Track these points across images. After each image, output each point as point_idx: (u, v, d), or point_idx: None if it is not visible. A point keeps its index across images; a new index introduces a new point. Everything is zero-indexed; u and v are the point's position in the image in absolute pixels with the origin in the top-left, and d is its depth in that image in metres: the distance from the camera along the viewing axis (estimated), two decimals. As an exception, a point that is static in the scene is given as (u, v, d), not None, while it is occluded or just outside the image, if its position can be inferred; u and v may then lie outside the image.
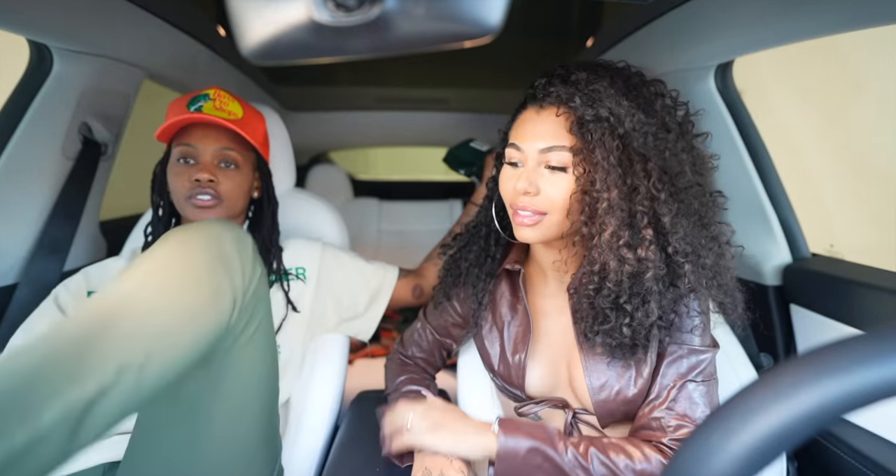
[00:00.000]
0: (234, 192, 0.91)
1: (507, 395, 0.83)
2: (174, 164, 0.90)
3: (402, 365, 0.95)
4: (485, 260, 0.85)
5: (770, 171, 1.08)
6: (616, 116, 0.65)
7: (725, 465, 0.26)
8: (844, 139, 2.23)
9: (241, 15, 0.29)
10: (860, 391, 0.25)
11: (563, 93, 0.68)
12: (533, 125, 0.71)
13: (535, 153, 0.69)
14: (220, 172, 0.89)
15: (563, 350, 0.78)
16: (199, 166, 0.88)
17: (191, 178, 0.87)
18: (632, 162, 0.66)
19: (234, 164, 0.91)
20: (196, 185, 0.87)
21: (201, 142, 0.89)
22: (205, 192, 0.87)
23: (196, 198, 0.87)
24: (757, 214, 1.08)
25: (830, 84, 2.18)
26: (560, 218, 0.69)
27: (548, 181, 0.69)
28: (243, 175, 0.93)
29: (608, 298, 0.68)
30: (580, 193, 0.67)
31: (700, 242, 0.68)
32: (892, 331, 0.26)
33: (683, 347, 0.71)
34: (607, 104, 0.65)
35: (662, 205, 0.65)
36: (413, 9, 0.28)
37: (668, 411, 0.69)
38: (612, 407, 0.72)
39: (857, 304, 0.88)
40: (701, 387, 0.70)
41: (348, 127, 2.15)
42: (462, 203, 2.44)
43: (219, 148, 0.89)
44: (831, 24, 0.74)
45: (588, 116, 0.66)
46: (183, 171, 0.88)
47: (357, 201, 2.44)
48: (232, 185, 0.90)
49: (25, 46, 0.91)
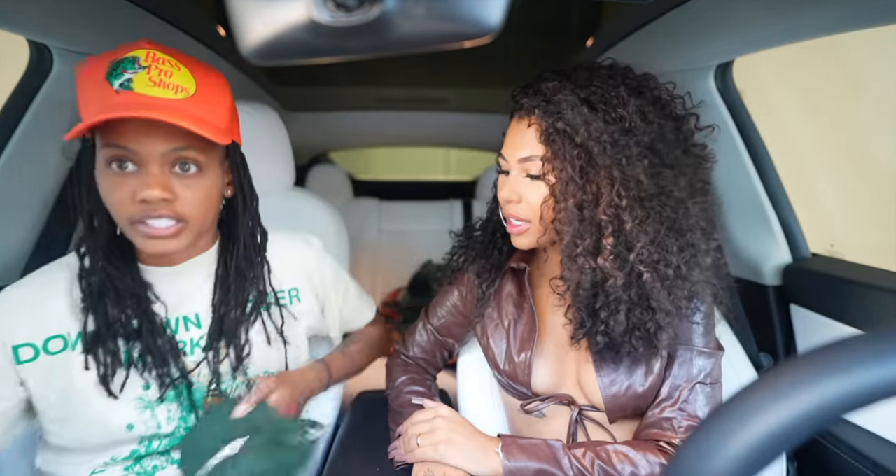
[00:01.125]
0: (201, 207, 0.65)
1: (512, 393, 0.83)
2: (105, 170, 0.61)
3: (404, 365, 0.94)
4: (492, 251, 0.87)
5: (770, 170, 1.08)
6: (572, 127, 0.65)
7: (725, 466, 0.26)
8: (845, 139, 2.23)
9: (241, 15, 0.29)
10: (860, 391, 0.25)
11: (529, 103, 0.69)
12: (513, 135, 0.73)
13: (515, 162, 0.72)
14: (177, 181, 0.62)
15: (570, 346, 0.78)
16: (143, 176, 0.60)
17: (134, 196, 0.60)
18: (595, 170, 0.65)
19: (194, 164, 0.63)
20: (144, 206, 0.60)
21: (142, 142, 0.59)
22: (158, 215, 0.61)
23: (147, 225, 0.61)
24: (757, 214, 1.08)
25: (831, 84, 2.18)
26: (544, 226, 0.71)
27: (528, 189, 0.71)
28: (209, 179, 0.66)
29: (583, 303, 0.69)
30: (552, 200, 0.69)
31: (671, 249, 0.66)
32: (892, 331, 0.26)
33: (693, 350, 0.72)
34: (566, 115, 0.65)
35: (625, 212, 0.65)
36: (413, 9, 0.28)
37: (679, 412, 0.70)
38: (622, 402, 0.73)
39: (857, 304, 0.88)
40: (708, 388, 0.71)
41: (348, 127, 2.15)
42: (462, 203, 2.43)
43: (169, 149, 0.61)
44: (831, 24, 0.74)
45: (549, 127, 0.67)
46: (120, 181, 0.60)
47: (357, 201, 2.44)
48: (196, 198, 0.64)
49: (25, 46, 0.91)
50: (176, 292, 0.74)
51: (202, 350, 0.74)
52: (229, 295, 0.75)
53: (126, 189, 0.60)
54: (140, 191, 0.59)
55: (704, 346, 0.72)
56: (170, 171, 0.62)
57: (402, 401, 0.86)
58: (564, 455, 0.67)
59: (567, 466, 0.67)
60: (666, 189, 0.66)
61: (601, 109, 0.65)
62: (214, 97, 0.64)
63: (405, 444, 0.75)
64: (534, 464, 0.67)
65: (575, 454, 0.68)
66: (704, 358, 0.72)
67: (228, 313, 0.74)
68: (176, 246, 0.64)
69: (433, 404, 0.79)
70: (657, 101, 0.68)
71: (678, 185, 0.66)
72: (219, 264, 0.76)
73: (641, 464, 0.66)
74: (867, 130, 2.16)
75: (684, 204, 0.67)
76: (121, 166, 0.61)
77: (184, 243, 0.65)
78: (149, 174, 0.60)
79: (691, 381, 0.71)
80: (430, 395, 0.89)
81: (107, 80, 0.58)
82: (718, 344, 0.75)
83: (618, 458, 0.67)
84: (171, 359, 0.70)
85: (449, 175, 3.69)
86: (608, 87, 0.66)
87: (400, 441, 0.78)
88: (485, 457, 0.69)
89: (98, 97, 0.58)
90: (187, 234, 0.65)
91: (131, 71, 0.58)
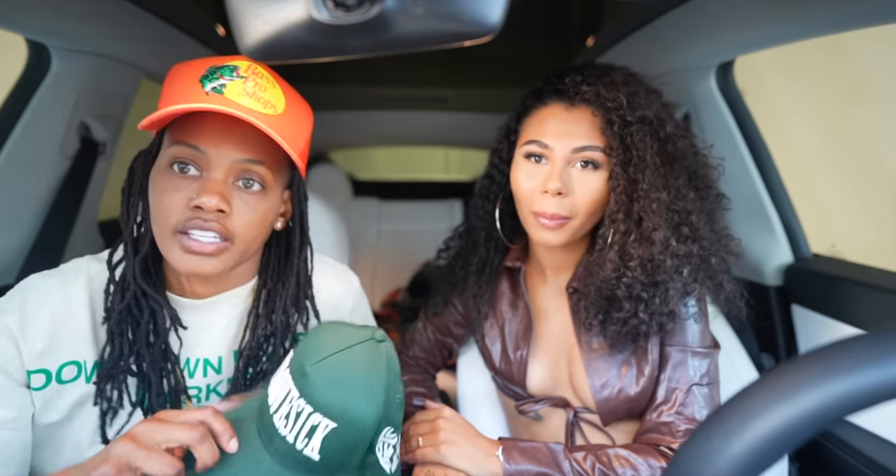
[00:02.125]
0: (253, 231, 0.59)
1: (507, 393, 0.83)
2: (164, 171, 0.57)
3: (404, 365, 0.95)
4: (483, 268, 0.85)
5: (772, 170, 1.08)
6: (659, 120, 0.67)
7: (726, 467, 0.26)
8: (847, 139, 2.23)
9: (241, 14, 0.29)
10: (862, 392, 0.25)
11: (604, 92, 0.67)
12: (564, 123, 0.69)
13: (566, 152, 0.68)
14: (237, 196, 0.57)
15: (563, 349, 0.78)
16: (205, 182, 0.56)
17: (189, 199, 0.55)
18: (672, 164, 0.68)
19: (259, 183, 0.59)
20: (195, 214, 0.55)
21: (216, 145, 0.56)
22: (206, 228, 0.55)
23: (190, 235, 0.55)
24: (759, 214, 1.08)
25: (833, 83, 2.18)
26: (585, 220, 0.70)
27: (578, 181, 0.68)
28: (269, 202, 0.61)
29: (630, 288, 0.68)
30: (618, 194, 0.67)
31: (713, 238, 0.71)
32: (893, 331, 0.26)
33: (687, 351, 0.71)
34: (650, 107, 0.67)
35: (690, 203, 0.68)
36: (412, 8, 0.28)
37: (677, 416, 0.69)
38: (614, 405, 0.72)
39: (858, 304, 0.88)
40: (704, 389, 0.70)
41: (348, 127, 2.15)
42: (462, 203, 2.43)
43: (241, 159, 0.57)
44: (832, 24, 0.74)
45: (632, 118, 0.65)
46: (178, 184, 0.56)
47: (357, 201, 2.43)
48: (250, 219, 0.58)
49: (24, 45, 0.91)
50: (198, 330, 0.65)
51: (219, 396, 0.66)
52: (262, 339, 0.65)
53: (183, 193, 0.55)
54: (198, 196, 0.54)
55: (699, 346, 0.72)
56: (232, 183, 0.58)
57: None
58: (565, 459, 0.67)
59: (568, 470, 0.66)
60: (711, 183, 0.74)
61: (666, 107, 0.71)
62: (299, 122, 0.62)
63: (406, 445, 0.75)
64: (534, 467, 0.67)
65: (576, 458, 0.67)
66: (699, 358, 0.71)
67: (259, 359, 0.66)
68: (212, 268, 0.57)
69: (435, 405, 0.79)
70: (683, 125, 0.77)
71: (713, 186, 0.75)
72: (256, 303, 0.66)
73: (642, 468, 0.66)
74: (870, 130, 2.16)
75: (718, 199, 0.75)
76: (182, 169, 0.57)
77: (222, 266, 0.58)
78: (211, 180, 0.56)
79: (687, 383, 0.70)
80: (431, 395, 0.89)
81: (200, 82, 0.56)
82: (714, 341, 0.74)
83: (619, 462, 0.66)
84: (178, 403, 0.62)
85: (449, 175, 3.69)
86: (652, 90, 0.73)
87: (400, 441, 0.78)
88: (486, 459, 0.69)
89: (185, 94, 0.55)
90: (229, 256, 0.58)
91: (228, 77, 0.56)
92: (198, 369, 0.65)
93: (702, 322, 0.73)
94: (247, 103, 0.55)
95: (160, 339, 0.61)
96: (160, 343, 0.61)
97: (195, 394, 0.65)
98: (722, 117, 1.06)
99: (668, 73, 1.07)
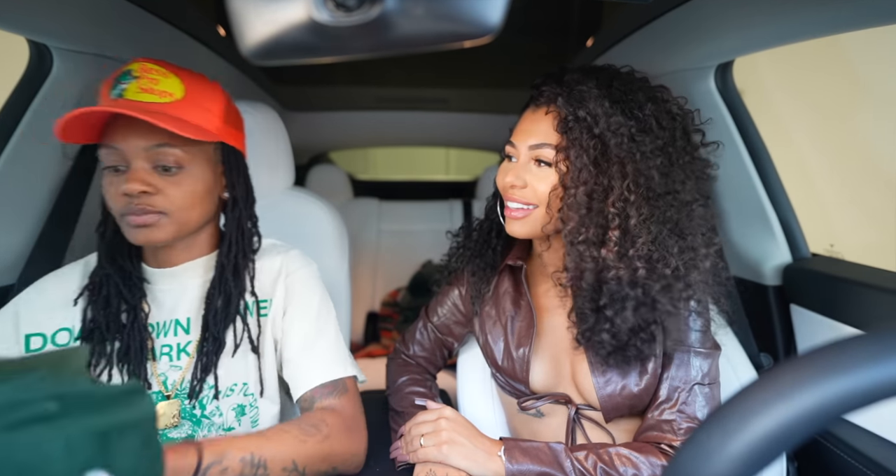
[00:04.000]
0: (184, 201, 0.70)
1: (509, 391, 0.83)
2: (105, 173, 0.70)
3: (404, 365, 0.95)
4: (486, 250, 0.87)
5: (770, 170, 1.08)
6: (593, 116, 0.67)
7: (725, 466, 0.26)
8: (845, 139, 2.23)
9: (241, 15, 0.29)
10: (860, 391, 0.25)
11: (551, 93, 0.71)
12: (527, 123, 0.74)
13: (525, 149, 0.73)
14: (161, 178, 0.68)
15: (565, 345, 0.79)
16: (128, 173, 0.67)
17: (119, 191, 0.67)
18: (609, 162, 0.67)
19: (175, 165, 0.69)
20: (128, 202, 0.67)
21: (125, 138, 0.66)
22: (139, 208, 0.67)
23: (130, 217, 0.67)
24: (757, 214, 1.08)
25: (831, 84, 2.18)
26: (548, 212, 0.72)
27: (535, 176, 0.72)
28: (194, 176, 0.71)
29: (587, 300, 0.70)
30: (560, 189, 0.70)
31: (671, 250, 0.67)
32: (892, 331, 0.26)
33: (690, 350, 0.72)
34: (588, 105, 0.67)
35: (632, 207, 0.67)
36: (413, 8, 0.28)
37: (679, 414, 0.70)
38: (617, 402, 0.73)
39: (857, 303, 0.88)
40: (706, 389, 0.71)
41: (348, 127, 2.15)
42: (462, 203, 2.44)
43: (149, 146, 0.67)
44: (832, 24, 0.74)
45: (569, 116, 0.68)
46: (112, 180, 0.68)
47: (357, 201, 2.44)
48: (178, 194, 0.69)
49: (25, 46, 0.91)
50: (170, 294, 0.76)
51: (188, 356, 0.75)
52: (219, 300, 0.75)
53: (116, 187, 0.68)
54: (122, 187, 0.66)
55: (701, 346, 0.73)
56: (153, 168, 0.69)
57: (404, 401, 0.87)
58: (567, 458, 0.68)
59: (569, 469, 0.67)
60: (673, 190, 0.68)
61: (621, 106, 0.68)
62: (204, 99, 0.71)
63: (407, 445, 0.75)
64: (536, 467, 0.67)
65: (577, 457, 0.68)
66: (702, 358, 0.72)
67: (216, 320, 0.74)
68: (159, 236, 0.69)
69: (437, 405, 0.79)
70: (669, 111, 0.72)
71: (685, 187, 0.69)
72: (216, 268, 0.77)
73: (644, 466, 0.66)
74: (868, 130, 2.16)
75: (689, 206, 0.70)
76: (115, 169, 0.69)
77: (167, 234, 0.70)
78: (131, 170, 0.67)
79: (689, 382, 0.71)
80: (432, 395, 0.89)
81: (107, 93, 0.67)
82: (715, 343, 0.75)
83: (620, 460, 0.67)
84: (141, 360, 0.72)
85: (449, 175, 3.70)
86: (628, 89, 0.70)
87: (402, 441, 0.78)
88: (488, 459, 0.69)
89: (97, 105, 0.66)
90: (168, 226, 0.69)
91: (125, 82, 0.67)
92: (170, 330, 0.76)
93: (703, 323, 0.74)
94: (144, 98, 0.66)
95: (129, 305, 0.73)
96: (129, 309, 0.73)
97: (167, 352, 0.75)
98: (721, 118, 1.06)
99: (667, 74, 1.07)
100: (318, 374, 0.75)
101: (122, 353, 0.72)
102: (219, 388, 0.74)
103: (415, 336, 0.96)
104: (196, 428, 0.74)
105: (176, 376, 0.74)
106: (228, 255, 0.77)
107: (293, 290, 0.80)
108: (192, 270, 0.78)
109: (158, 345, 0.75)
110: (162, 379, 0.74)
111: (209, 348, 0.74)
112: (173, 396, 0.73)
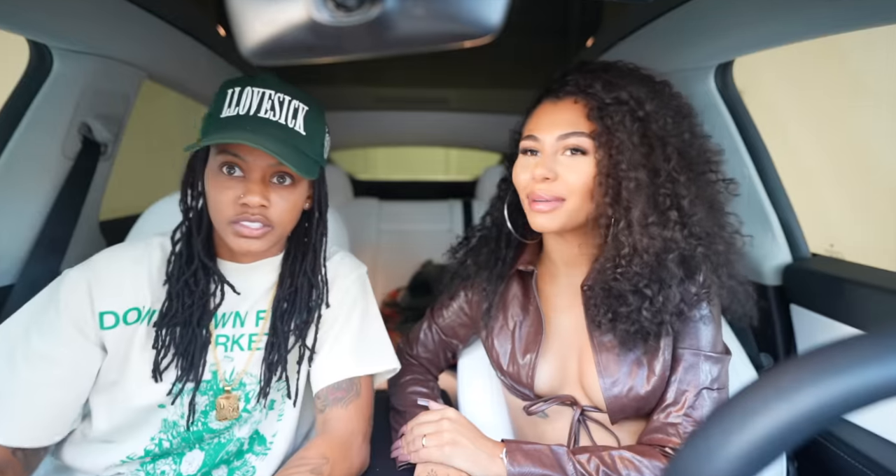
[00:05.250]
0: (287, 216, 0.74)
1: (515, 393, 0.83)
2: (216, 173, 0.71)
3: (407, 365, 0.94)
4: (495, 263, 0.85)
5: (770, 170, 1.08)
6: (636, 99, 0.67)
7: (725, 466, 0.26)
8: (845, 139, 2.23)
9: (241, 15, 0.29)
10: (861, 391, 0.25)
11: (582, 81, 0.70)
12: (550, 115, 0.72)
13: (552, 141, 0.71)
14: (274, 191, 0.72)
15: (573, 346, 0.78)
16: (248, 183, 0.70)
17: (237, 199, 0.70)
18: (652, 145, 0.68)
19: (290, 177, 0.73)
20: (243, 210, 0.70)
21: (252, 152, 0.70)
22: (254, 219, 0.70)
23: (241, 224, 0.70)
24: (757, 214, 1.08)
25: (831, 84, 2.18)
26: (579, 203, 0.70)
27: (566, 167, 0.70)
28: (299, 192, 0.75)
29: (630, 282, 0.68)
30: (603, 176, 0.68)
31: (713, 229, 0.70)
32: (892, 331, 0.26)
33: (700, 354, 0.71)
34: (627, 88, 0.68)
35: (682, 187, 0.67)
36: (413, 9, 0.28)
37: (685, 418, 0.69)
38: (623, 403, 0.72)
39: (857, 303, 0.88)
40: (714, 393, 0.70)
41: (348, 127, 2.15)
42: (462, 203, 2.44)
43: (275, 162, 0.71)
44: (831, 24, 0.74)
45: (608, 100, 0.68)
46: (228, 184, 0.70)
47: (357, 201, 2.44)
48: (285, 208, 0.73)
49: (25, 46, 0.91)
50: (240, 288, 0.79)
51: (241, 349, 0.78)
52: (287, 301, 0.80)
53: (232, 192, 0.70)
54: (243, 195, 0.69)
55: (711, 351, 0.72)
56: (269, 180, 0.72)
57: (405, 401, 0.86)
58: (569, 461, 0.67)
59: (571, 472, 0.66)
60: (708, 169, 0.71)
61: (655, 91, 0.70)
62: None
63: (409, 445, 0.75)
64: (538, 469, 0.67)
65: (579, 460, 0.67)
66: (712, 363, 0.71)
67: (283, 318, 0.79)
68: (259, 246, 0.73)
69: (439, 406, 0.79)
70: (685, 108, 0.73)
71: (709, 167, 0.72)
72: (283, 270, 0.82)
73: (647, 470, 0.66)
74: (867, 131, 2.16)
75: (716, 185, 0.73)
76: (230, 171, 0.71)
77: (266, 245, 0.74)
78: (253, 182, 0.70)
79: (698, 386, 0.70)
80: (434, 396, 0.89)
81: None
82: (726, 348, 0.74)
83: (623, 463, 0.66)
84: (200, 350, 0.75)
85: (449, 175, 3.70)
86: (648, 78, 0.72)
87: (403, 441, 0.78)
88: (489, 461, 0.69)
89: None
90: (271, 237, 0.73)
91: None
92: (228, 321, 0.79)
93: (715, 327, 0.73)
94: None
95: (205, 298, 0.76)
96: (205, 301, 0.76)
97: (224, 342, 0.78)
98: (721, 118, 1.06)
99: (667, 74, 1.06)
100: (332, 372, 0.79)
101: (188, 339, 0.75)
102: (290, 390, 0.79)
103: (419, 336, 0.96)
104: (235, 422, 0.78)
105: (227, 367, 0.78)
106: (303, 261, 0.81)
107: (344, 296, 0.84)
108: (261, 269, 0.81)
109: (214, 335, 0.78)
110: (215, 369, 0.77)
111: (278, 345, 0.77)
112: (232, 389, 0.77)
